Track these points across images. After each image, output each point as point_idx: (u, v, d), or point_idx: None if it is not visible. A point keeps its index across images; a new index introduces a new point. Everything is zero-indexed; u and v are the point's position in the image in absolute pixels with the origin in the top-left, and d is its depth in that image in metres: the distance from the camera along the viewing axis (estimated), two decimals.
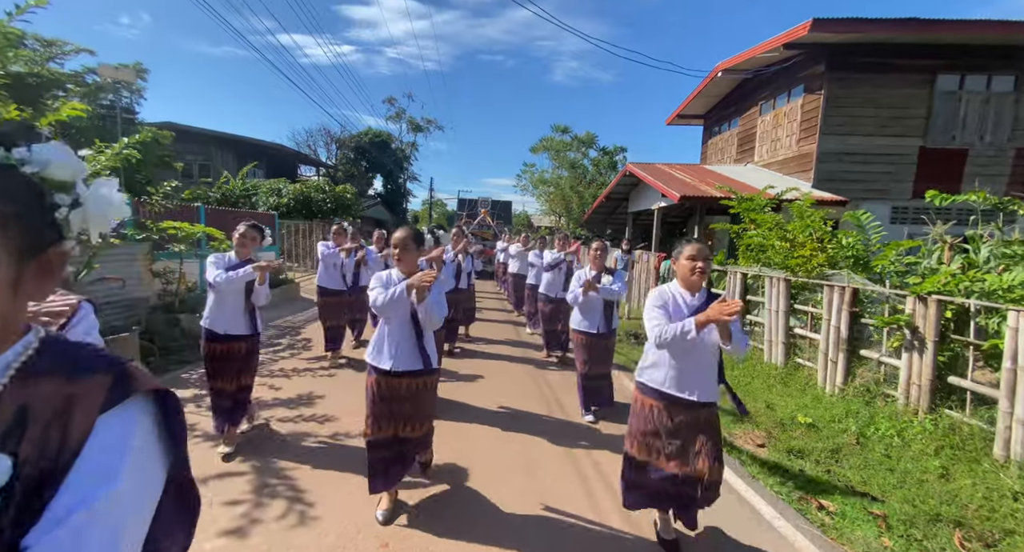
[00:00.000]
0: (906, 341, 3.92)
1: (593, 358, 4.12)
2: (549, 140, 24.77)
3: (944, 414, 3.63)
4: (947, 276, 3.99)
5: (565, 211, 24.04)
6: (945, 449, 3.34)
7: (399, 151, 29.04)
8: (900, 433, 3.61)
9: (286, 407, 4.02)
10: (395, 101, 30.29)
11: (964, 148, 9.88)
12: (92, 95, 9.91)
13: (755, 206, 6.55)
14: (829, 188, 9.74)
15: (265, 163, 20.29)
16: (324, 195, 15.23)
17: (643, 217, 14.24)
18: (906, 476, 3.14)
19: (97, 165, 4.64)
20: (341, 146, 26.92)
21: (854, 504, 2.84)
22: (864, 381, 4.33)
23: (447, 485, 2.94)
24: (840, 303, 4.52)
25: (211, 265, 3.16)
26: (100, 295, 5.14)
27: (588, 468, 3.25)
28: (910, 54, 9.49)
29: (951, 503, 2.80)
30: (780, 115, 11.22)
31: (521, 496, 2.85)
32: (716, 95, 13.74)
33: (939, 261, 4.71)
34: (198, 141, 18.05)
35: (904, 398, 3.93)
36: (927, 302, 3.78)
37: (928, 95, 9.75)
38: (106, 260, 5.07)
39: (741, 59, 10.92)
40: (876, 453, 3.44)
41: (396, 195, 29.41)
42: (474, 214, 17.80)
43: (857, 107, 9.75)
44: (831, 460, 3.40)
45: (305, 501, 2.66)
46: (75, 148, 3.04)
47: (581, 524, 2.62)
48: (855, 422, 3.85)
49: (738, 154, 13.25)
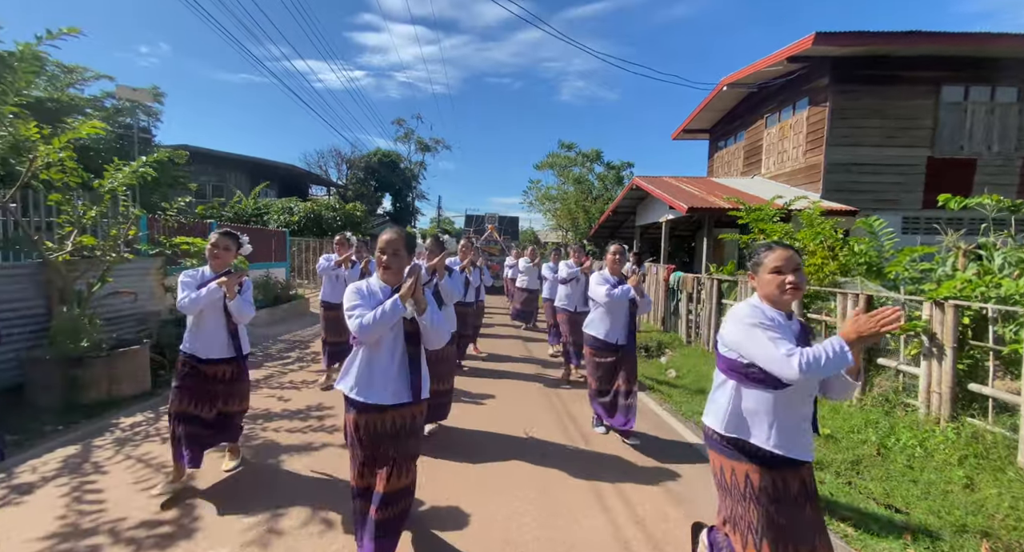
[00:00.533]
0: (924, 348, 3.84)
1: (608, 374, 3.71)
2: (555, 156, 25.02)
3: (967, 422, 3.52)
4: (963, 281, 3.93)
5: (572, 226, 24.11)
6: (969, 458, 3.23)
7: (407, 170, 29.52)
8: (922, 443, 3.50)
9: (297, 419, 4.00)
10: (404, 122, 30.96)
11: (972, 158, 9.84)
12: (111, 118, 10.23)
13: (764, 216, 6.52)
14: (838, 199, 9.70)
15: (277, 183, 20.69)
16: (334, 213, 15.46)
17: (651, 231, 14.25)
18: (930, 487, 3.03)
19: (115, 182, 4.77)
20: (351, 166, 27.46)
21: (877, 516, 2.74)
22: (882, 390, 4.22)
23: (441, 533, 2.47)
24: (854, 311, 4.45)
25: (181, 285, 2.74)
26: (112, 308, 5.21)
27: (627, 526, 2.65)
28: (913, 66, 9.55)
29: (977, 513, 2.70)
30: (786, 127, 11.27)
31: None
32: (721, 109, 13.86)
33: (953, 268, 4.64)
34: (212, 163, 18.47)
35: (925, 407, 3.83)
36: (944, 307, 3.71)
37: (934, 106, 9.77)
38: (119, 274, 5.15)
39: (746, 73, 11.05)
40: (898, 464, 3.34)
41: (405, 213, 29.76)
42: (481, 230, 17.91)
43: (863, 118, 9.78)
44: (852, 472, 3.29)
45: (317, 508, 2.62)
46: (94, 170, 3.22)
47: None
48: (875, 432, 3.74)
49: (745, 167, 13.28)
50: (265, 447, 3.42)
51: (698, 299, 7.58)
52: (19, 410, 3.89)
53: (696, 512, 2.73)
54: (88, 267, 4.75)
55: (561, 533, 2.50)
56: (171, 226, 6.39)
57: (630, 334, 3.68)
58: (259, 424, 3.83)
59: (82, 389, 4.08)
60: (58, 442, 3.40)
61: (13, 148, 4.35)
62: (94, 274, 4.78)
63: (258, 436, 3.60)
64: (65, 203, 4.68)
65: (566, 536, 2.48)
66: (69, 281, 4.53)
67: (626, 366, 3.69)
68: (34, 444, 3.36)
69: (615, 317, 3.68)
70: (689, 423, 4.25)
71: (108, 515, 2.52)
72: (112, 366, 4.25)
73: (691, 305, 7.76)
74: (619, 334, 3.66)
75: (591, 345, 3.79)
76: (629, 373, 3.67)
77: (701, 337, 7.34)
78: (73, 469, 3.02)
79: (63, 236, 4.77)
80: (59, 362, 4.04)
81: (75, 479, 2.90)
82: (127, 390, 4.34)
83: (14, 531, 2.36)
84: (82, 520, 2.47)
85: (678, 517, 2.70)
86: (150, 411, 4.09)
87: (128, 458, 3.19)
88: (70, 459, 3.16)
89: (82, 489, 2.78)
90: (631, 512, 2.73)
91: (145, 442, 3.45)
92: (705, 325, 7.25)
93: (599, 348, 3.73)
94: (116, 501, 2.65)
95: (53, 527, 2.40)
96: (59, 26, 3.92)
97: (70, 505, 2.61)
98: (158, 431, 3.64)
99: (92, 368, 4.14)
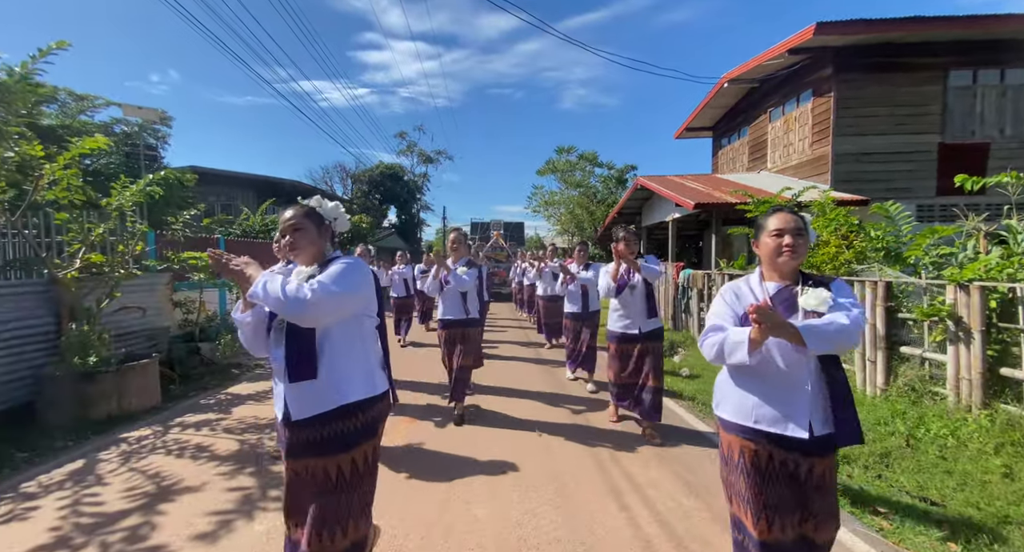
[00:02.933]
0: (950, 333, 3.69)
1: (630, 366, 3.63)
2: (554, 162, 24.99)
3: (1000, 409, 3.36)
4: (987, 263, 3.78)
5: (577, 230, 24.01)
6: (1006, 447, 3.07)
7: (411, 183, 29.69)
8: (954, 432, 3.35)
9: None
10: (406, 135, 31.22)
11: (985, 142, 9.63)
12: (119, 143, 10.41)
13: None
14: (848, 189, 9.52)
15: (284, 199, 20.90)
16: None
17: (657, 231, 14.11)
18: (966, 478, 2.88)
19: (122, 200, 4.80)
20: (355, 180, 27.70)
21: (912, 509, 2.59)
22: (908, 380, 4.06)
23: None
24: (873, 299, 4.31)
25: None
26: (121, 324, 5.22)
27: (648, 524, 2.45)
28: (918, 52, 9.40)
29: (1020, 504, 2.55)
30: (790, 120, 11.15)
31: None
32: (724, 106, 13.77)
33: (975, 251, 4.49)
34: (221, 182, 18.76)
35: (954, 395, 3.66)
36: (969, 290, 3.56)
37: (941, 91, 9.59)
38: (128, 290, 5.16)
39: (747, 68, 10.97)
40: (930, 455, 3.18)
41: (410, 225, 29.88)
42: (487, 237, 17.90)
43: (869, 107, 9.63)
44: (880, 465, 3.14)
45: None
46: (103, 193, 3.16)
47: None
48: (903, 424, 3.59)
49: (750, 162, 13.14)
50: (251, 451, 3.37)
51: (709, 296, 7.44)
52: (30, 427, 3.88)
53: (717, 506, 2.62)
54: (96, 284, 4.77)
55: (579, 533, 2.40)
56: (179, 241, 6.43)
57: (652, 321, 3.59)
58: (266, 433, 3.78)
59: (92, 405, 4.07)
60: (68, 457, 3.38)
61: (20, 169, 4.40)
62: (103, 290, 4.79)
63: (263, 445, 3.54)
64: (72, 221, 4.72)
65: (585, 536, 2.37)
66: (78, 298, 4.55)
67: (651, 359, 3.61)
68: (45, 460, 3.34)
69: (629, 304, 3.60)
70: (707, 419, 4.12)
71: (104, 526, 2.49)
72: (122, 381, 4.24)
73: (701, 303, 7.62)
74: (640, 323, 3.59)
75: (613, 340, 3.73)
76: (654, 368, 3.59)
77: None
78: (76, 482, 3.00)
79: (71, 253, 4.80)
80: (69, 378, 4.03)
81: (76, 492, 2.87)
82: (137, 404, 4.32)
83: (15, 545, 2.32)
84: (77, 532, 2.43)
85: (700, 513, 2.58)
86: (158, 425, 4.05)
87: (131, 471, 3.16)
88: (75, 473, 3.13)
89: (82, 502, 2.75)
90: (651, 509, 2.62)
91: (151, 455, 3.41)
92: None
93: (620, 341, 3.68)
94: (112, 512, 2.61)
95: (49, 539, 2.38)
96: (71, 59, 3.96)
97: (67, 517, 2.58)
98: (164, 444, 3.61)
99: (102, 383, 4.13)
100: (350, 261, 1.65)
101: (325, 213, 1.77)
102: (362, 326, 1.71)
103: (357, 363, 1.66)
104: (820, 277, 1.69)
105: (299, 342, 1.56)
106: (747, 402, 1.65)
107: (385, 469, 3.11)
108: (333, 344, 1.61)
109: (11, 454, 3.41)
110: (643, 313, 3.59)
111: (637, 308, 3.59)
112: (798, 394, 1.58)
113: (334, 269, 1.58)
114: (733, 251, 10.80)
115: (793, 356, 1.54)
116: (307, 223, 1.69)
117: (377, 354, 1.80)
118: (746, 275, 1.81)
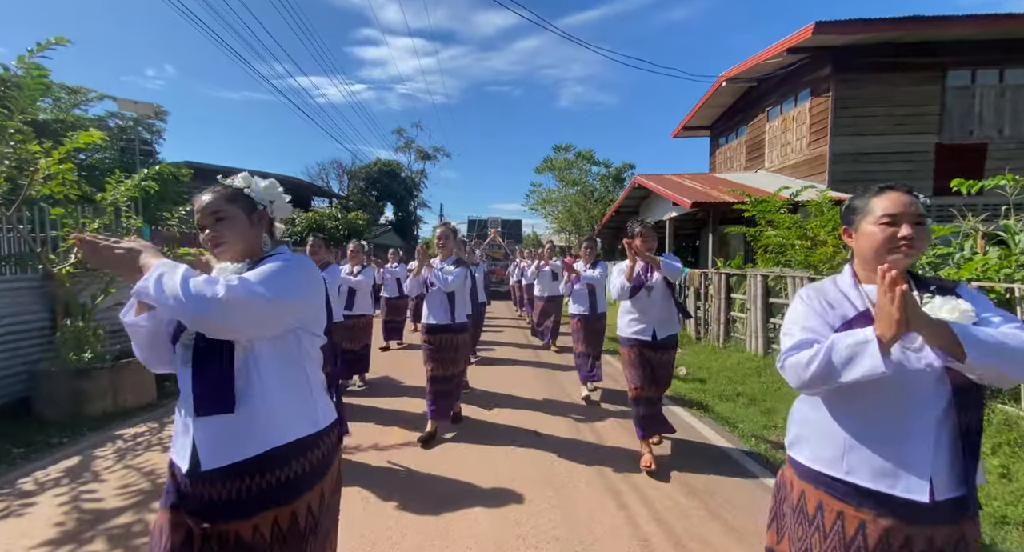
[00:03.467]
0: None
1: (649, 376, 3.17)
2: (552, 160, 24.95)
3: (997, 409, 3.38)
4: (984, 263, 3.80)
5: (574, 228, 24.01)
6: (1003, 447, 3.09)
7: (408, 180, 29.62)
8: None
9: None
10: (404, 131, 31.14)
11: (983, 142, 9.68)
12: (114, 137, 10.33)
13: (771, 207, 6.40)
14: (845, 189, 9.54)
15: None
16: (336, 222, 15.50)
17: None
18: None
19: (117, 195, 4.76)
20: (352, 177, 27.62)
21: None
22: None
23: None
24: None
25: None
26: (116, 320, 5.17)
27: (646, 523, 2.43)
28: (916, 52, 9.42)
29: (1017, 504, 2.56)
30: (788, 119, 11.16)
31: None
32: (722, 105, 13.78)
33: (972, 251, 4.51)
34: (215, 178, 18.58)
35: None
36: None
37: (939, 91, 9.62)
38: (123, 286, 5.12)
39: (745, 66, 10.97)
40: None
41: (407, 222, 29.83)
42: (484, 234, 17.88)
43: (867, 107, 9.66)
44: None
45: None
46: (99, 188, 3.12)
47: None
48: None
49: (747, 162, 13.16)
50: None
51: (706, 296, 7.45)
52: (26, 423, 3.85)
53: (715, 506, 2.62)
54: (91, 279, 4.73)
55: (578, 532, 2.40)
56: (175, 237, 6.38)
57: (670, 326, 3.20)
58: None
59: (87, 401, 4.04)
60: (64, 454, 3.36)
61: (18, 166, 4.36)
62: (98, 286, 4.76)
63: None
64: (68, 216, 4.67)
65: (584, 535, 2.37)
66: (73, 293, 4.51)
67: (662, 371, 3.22)
68: (41, 456, 3.32)
69: (644, 310, 3.18)
70: (705, 418, 4.13)
71: (100, 522, 2.49)
72: (117, 377, 4.21)
73: (699, 302, 7.63)
74: (656, 329, 3.16)
75: (628, 346, 3.28)
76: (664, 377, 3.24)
77: (711, 333, 7.21)
78: (73, 478, 2.99)
79: (66, 249, 4.76)
80: (64, 374, 4.01)
81: (74, 488, 2.86)
82: (132, 401, 4.29)
83: (14, 541, 2.31)
84: (76, 527, 2.43)
85: (698, 511, 2.59)
86: (154, 421, 4.03)
87: (127, 467, 3.14)
88: (71, 470, 3.11)
89: (79, 498, 2.74)
90: (649, 508, 2.62)
91: (147, 452, 3.39)
92: (714, 321, 7.12)
93: (635, 346, 3.23)
94: (109, 508, 2.61)
95: (50, 534, 2.37)
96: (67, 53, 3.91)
97: (65, 514, 2.57)
98: (160, 441, 3.59)
99: (97, 379, 4.10)
100: (291, 258, 1.25)
101: (256, 195, 1.35)
102: (301, 345, 1.25)
103: (293, 392, 1.24)
104: (941, 281, 1.21)
105: (212, 360, 1.14)
106: (835, 443, 1.17)
107: (383, 468, 3.12)
108: (261, 367, 1.18)
109: (7, 450, 3.39)
110: (661, 317, 3.17)
111: (654, 311, 3.16)
112: (917, 437, 1.08)
113: (267, 267, 1.18)
114: (730, 250, 10.81)
115: (923, 378, 1.08)
116: (233, 210, 1.28)
117: (321, 380, 1.35)
118: (831, 276, 1.33)
